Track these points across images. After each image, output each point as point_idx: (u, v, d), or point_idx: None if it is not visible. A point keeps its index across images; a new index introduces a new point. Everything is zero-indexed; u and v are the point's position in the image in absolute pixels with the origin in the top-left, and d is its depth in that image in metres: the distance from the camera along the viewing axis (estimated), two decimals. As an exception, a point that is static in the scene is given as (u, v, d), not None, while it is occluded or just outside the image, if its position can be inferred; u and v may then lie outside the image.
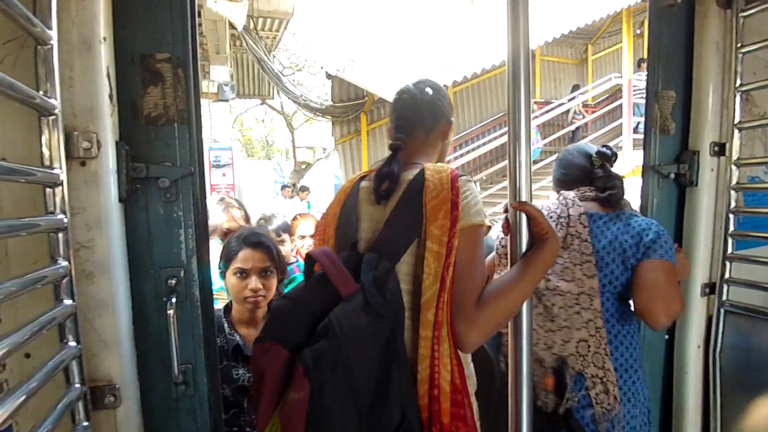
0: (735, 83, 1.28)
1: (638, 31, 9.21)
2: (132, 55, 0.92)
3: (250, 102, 16.00)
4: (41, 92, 0.74)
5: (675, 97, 1.33)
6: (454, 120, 1.21)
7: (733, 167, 1.30)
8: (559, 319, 1.26)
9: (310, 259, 0.92)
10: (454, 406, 0.89)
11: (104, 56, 0.85)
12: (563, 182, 1.42)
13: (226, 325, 1.50)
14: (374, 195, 1.02)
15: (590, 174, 1.36)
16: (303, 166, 13.71)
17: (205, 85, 7.55)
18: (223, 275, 1.53)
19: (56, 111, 0.76)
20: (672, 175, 1.35)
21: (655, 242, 1.24)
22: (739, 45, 1.27)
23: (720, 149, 1.32)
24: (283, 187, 10.74)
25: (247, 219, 2.13)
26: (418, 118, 1.13)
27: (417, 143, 1.12)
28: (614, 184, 1.32)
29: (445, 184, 0.98)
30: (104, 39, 0.84)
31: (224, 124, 7.76)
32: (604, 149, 1.38)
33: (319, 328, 0.81)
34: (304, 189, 10.70)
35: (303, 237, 2.76)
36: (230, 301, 1.56)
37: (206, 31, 5.97)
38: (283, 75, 8.60)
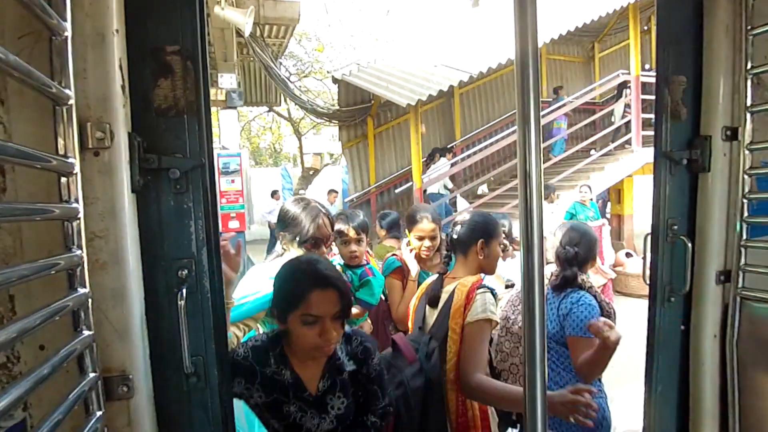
0: (746, 66, 1.26)
1: (645, 27, 9.15)
2: (143, 48, 0.94)
3: (258, 110, 16.15)
4: (56, 82, 0.76)
5: (685, 82, 1.32)
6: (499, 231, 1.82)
7: (746, 152, 1.28)
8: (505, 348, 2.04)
9: (394, 341, 1.66)
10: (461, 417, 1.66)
11: (117, 48, 0.86)
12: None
13: (272, 360, 1.31)
14: (428, 304, 1.79)
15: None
16: (311, 172, 13.78)
17: (213, 93, 7.63)
18: (280, 317, 1.30)
19: (70, 101, 0.78)
20: (684, 161, 1.33)
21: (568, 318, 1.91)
22: (749, 27, 1.25)
23: (732, 134, 1.30)
24: (330, 191, 10.69)
25: (332, 225, 1.94)
26: (455, 249, 1.81)
27: (458, 264, 1.80)
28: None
29: (464, 295, 1.63)
30: (117, 31, 0.86)
31: (233, 131, 7.82)
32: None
33: (398, 380, 1.53)
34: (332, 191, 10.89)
35: None
36: (280, 331, 1.38)
37: (214, 39, 6.05)
38: (290, 81, 8.66)
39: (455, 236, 1.79)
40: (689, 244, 1.33)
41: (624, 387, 3.51)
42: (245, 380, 1.30)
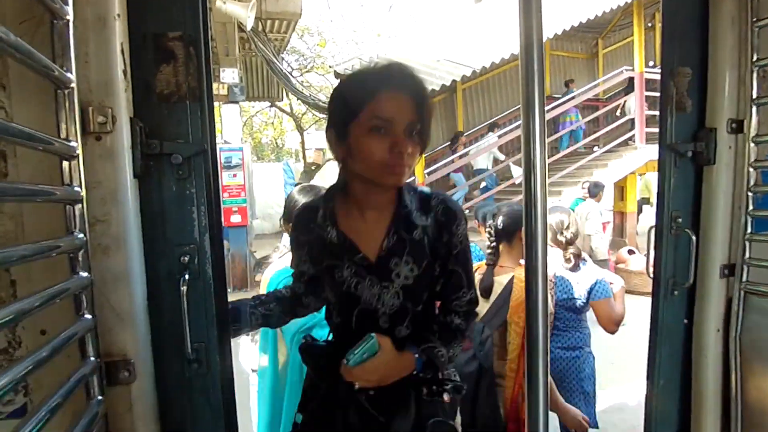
0: (752, 58, 1.25)
1: (649, 24, 9.09)
2: (145, 33, 0.93)
3: (260, 105, 16.15)
4: (57, 66, 0.75)
5: (691, 74, 1.31)
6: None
7: (752, 144, 1.27)
8: None
9: None
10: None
11: (118, 33, 0.86)
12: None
13: (320, 216, 1.10)
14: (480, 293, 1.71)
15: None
16: (313, 167, 13.75)
17: (215, 87, 7.62)
18: (339, 133, 1.02)
19: (72, 85, 0.77)
20: (689, 154, 1.32)
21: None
22: (755, 19, 1.24)
23: (738, 126, 1.29)
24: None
25: None
26: (500, 238, 1.92)
27: (504, 253, 1.91)
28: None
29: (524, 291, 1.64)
30: (118, 16, 0.86)
31: (235, 126, 7.81)
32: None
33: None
34: None
35: None
36: (338, 183, 1.14)
37: (216, 33, 6.03)
38: (292, 76, 8.64)
39: (500, 227, 1.94)
40: (693, 237, 1.32)
41: (626, 385, 3.52)
42: (296, 249, 1.21)
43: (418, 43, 9.17)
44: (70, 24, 0.78)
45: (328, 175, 14.65)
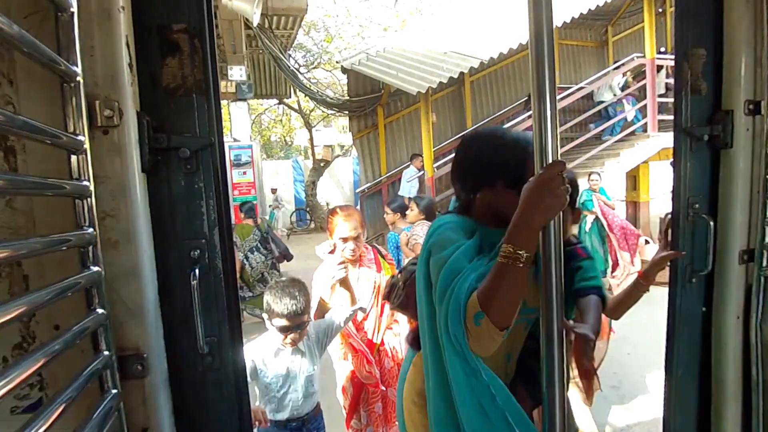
0: (769, 38, 1.22)
1: (660, 10, 8.92)
2: (150, 26, 0.93)
3: (268, 103, 16.20)
4: (63, 59, 0.75)
5: (705, 55, 1.27)
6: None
7: (771, 126, 1.23)
8: None
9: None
10: None
11: (123, 25, 0.85)
12: None
13: None
14: None
15: None
16: (322, 164, 13.78)
17: (223, 85, 7.65)
18: None
19: (78, 78, 0.77)
20: (705, 137, 1.29)
21: None
22: (772, -3, 1.20)
23: (755, 108, 1.25)
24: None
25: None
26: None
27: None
28: None
29: None
30: (122, 8, 0.85)
31: (244, 124, 7.84)
32: None
33: None
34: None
35: (345, 240, 2.16)
36: None
37: (222, 31, 6.04)
38: (299, 73, 8.64)
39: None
40: (711, 223, 1.29)
41: (644, 375, 3.48)
42: None
43: (425, 35, 9.08)
44: (75, 17, 0.78)
45: (337, 172, 14.71)
